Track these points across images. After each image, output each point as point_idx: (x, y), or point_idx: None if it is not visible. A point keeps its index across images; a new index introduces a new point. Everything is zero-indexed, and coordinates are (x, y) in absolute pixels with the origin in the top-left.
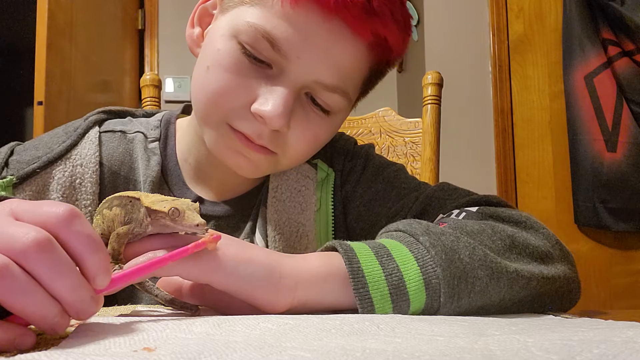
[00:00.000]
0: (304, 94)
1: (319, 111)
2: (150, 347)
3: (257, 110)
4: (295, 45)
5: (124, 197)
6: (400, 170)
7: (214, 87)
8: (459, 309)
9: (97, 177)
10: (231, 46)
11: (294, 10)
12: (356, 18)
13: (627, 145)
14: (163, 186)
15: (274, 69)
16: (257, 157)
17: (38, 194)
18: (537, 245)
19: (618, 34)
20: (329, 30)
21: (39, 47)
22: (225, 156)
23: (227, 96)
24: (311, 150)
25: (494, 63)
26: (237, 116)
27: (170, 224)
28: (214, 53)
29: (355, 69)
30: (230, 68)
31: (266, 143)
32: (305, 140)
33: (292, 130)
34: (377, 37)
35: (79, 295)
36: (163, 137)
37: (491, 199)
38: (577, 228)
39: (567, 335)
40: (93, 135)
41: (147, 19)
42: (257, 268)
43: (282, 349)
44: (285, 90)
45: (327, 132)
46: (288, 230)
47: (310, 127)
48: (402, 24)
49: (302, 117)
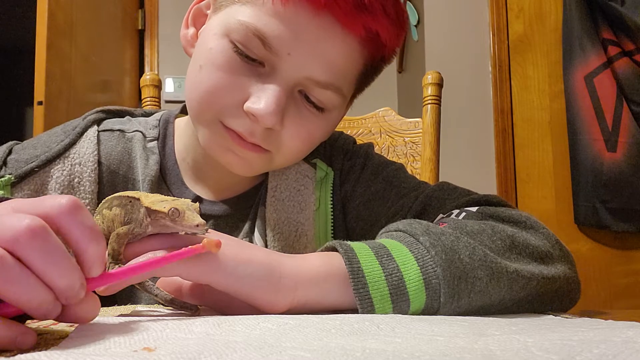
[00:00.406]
0: (297, 91)
1: (312, 108)
2: (150, 347)
3: (249, 108)
4: (286, 42)
5: (124, 197)
6: (400, 170)
7: (206, 85)
8: (459, 309)
9: (96, 176)
10: (223, 45)
11: (285, 8)
12: (347, 13)
13: (627, 145)
14: (162, 185)
15: (266, 67)
16: (250, 156)
17: (36, 193)
18: (537, 245)
19: (618, 34)
20: (319, 26)
21: (39, 47)
22: (218, 154)
23: (219, 94)
24: (306, 148)
25: (494, 63)
26: (229, 114)
27: (170, 224)
28: (207, 52)
29: (348, 65)
30: (222, 66)
31: (259, 141)
32: (299, 138)
33: (285, 128)
34: (369, 33)
35: (70, 280)
36: (162, 136)
37: (491, 199)
38: (577, 228)
39: (567, 335)
40: (92, 134)
41: (147, 19)
42: (256, 268)
43: (282, 349)
44: (277, 88)
45: (321, 130)
46: (287, 229)
47: (304, 125)
48: (395, 19)
49: (296, 114)
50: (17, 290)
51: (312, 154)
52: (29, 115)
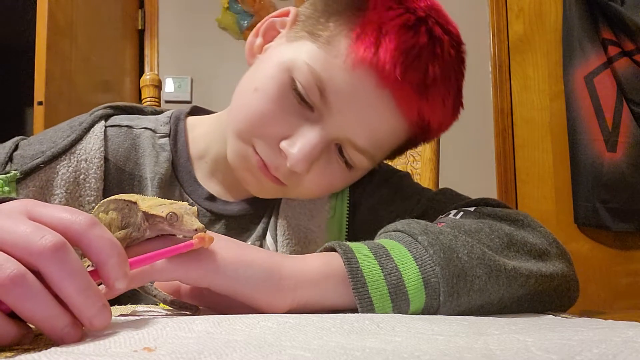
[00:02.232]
0: (334, 144)
1: (342, 163)
2: (150, 347)
3: (284, 148)
4: (342, 100)
5: (120, 200)
6: (406, 177)
7: (255, 110)
8: (458, 308)
9: (102, 173)
10: (284, 79)
11: (353, 70)
12: (405, 97)
13: (627, 145)
14: (174, 182)
15: (315, 113)
16: (267, 184)
17: (42, 190)
18: (535, 243)
19: (618, 34)
20: (378, 98)
21: (39, 47)
22: (238, 169)
23: (265, 124)
24: (322, 194)
25: (494, 63)
26: (264, 144)
27: (168, 228)
28: (267, 78)
29: (391, 140)
30: (277, 100)
31: (281, 177)
32: (319, 185)
33: (310, 173)
34: (422, 119)
35: (89, 298)
36: (173, 133)
37: (489, 201)
38: (577, 228)
39: (567, 335)
40: (98, 129)
41: (147, 19)
42: (256, 270)
43: (282, 347)
44: (316, 138)
45: (343, 183)
46: (297, 236)
47: (328, 175)
48: (451, 111)
49: (325, 163)
50: (35, 309)
51: None
52: (29, 115)
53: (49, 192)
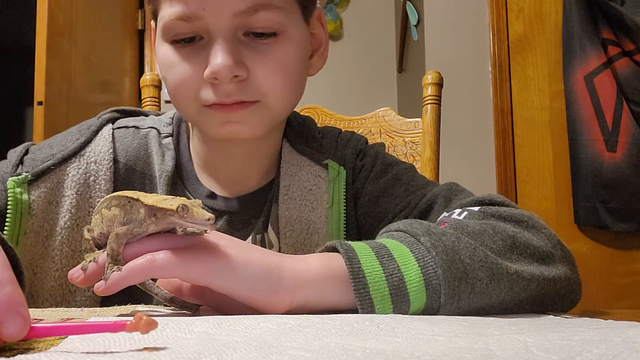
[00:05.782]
0: (241, 35)
1: (264, 39)
2: (150, 347)
3: (208, 75)
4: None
5: (122, 197)
6: (410, 169)
7: (173, 86)
8: (459, 310)
9: (111, 175)
10: (165, 48)
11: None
12: None
13: (627, 145)
14: (177, 181)
15: (204, 37)
16: (243, 115)
17: (52, 191)
18: (539, 245)
19: (618, 34)
20: None
21: (39, 47)
22: (221, 133)
23: (184, 84)
24: (288, 79)
25: (494, 63)
26: (200, 93)
27: (178, 221)
28: (160, 62)
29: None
30: (173, 63)
31: (239, 97)
32: (272, 72)
33: (252, 70)
34: None
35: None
36: (175, 133)
37: (495, 199)
38: (577, 228)
39: (567, 335)
40: (106, 132)
41: (147, 19)
42: (255, 270)
43: (282, 348)
44: (218, 43)
45: (290, 54)
46: (298, 227)
47: (268, 58)
48: None
49: (254, 53)
50: None
51: (323, 155)
52: (29, 115)
53: (60, 194)
